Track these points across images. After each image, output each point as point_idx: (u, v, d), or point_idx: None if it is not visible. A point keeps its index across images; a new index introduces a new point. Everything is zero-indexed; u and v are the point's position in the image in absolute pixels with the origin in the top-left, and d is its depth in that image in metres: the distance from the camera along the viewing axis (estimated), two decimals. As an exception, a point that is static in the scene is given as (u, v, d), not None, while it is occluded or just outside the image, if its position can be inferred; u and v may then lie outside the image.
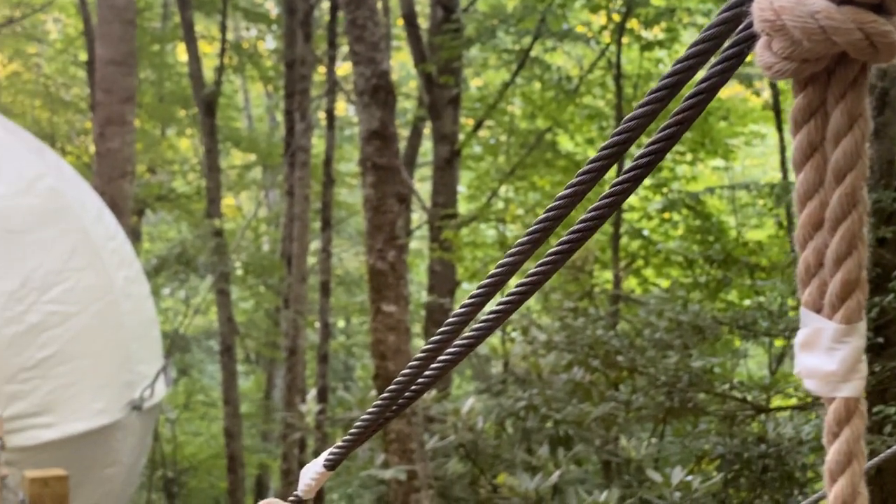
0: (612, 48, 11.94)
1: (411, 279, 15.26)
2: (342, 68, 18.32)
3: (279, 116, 21.95)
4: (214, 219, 15.51)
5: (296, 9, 13.92)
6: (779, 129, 11.45)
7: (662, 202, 11.80)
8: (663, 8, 11.42)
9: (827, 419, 0.78)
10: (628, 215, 12.11)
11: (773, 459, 7.97)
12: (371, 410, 1.32)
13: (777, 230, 11.29)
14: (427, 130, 16.09)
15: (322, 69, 16.85)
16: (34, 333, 7.59)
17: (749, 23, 0.81)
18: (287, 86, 15.12)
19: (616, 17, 11.69)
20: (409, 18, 13.55)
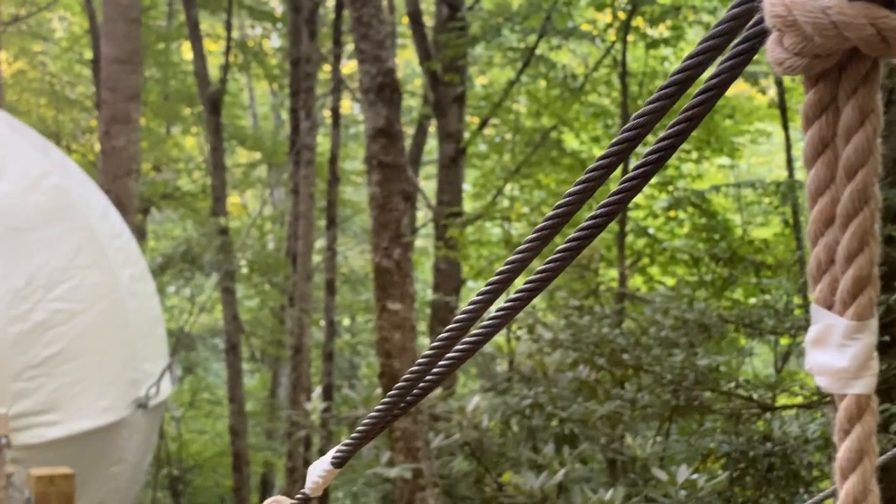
0: (618, 46, 11.93)
1: (416, 277, 15.25)
2: (347, 66, 18.33)
3: (284, 114, 21.96)
4: (220, 217, 15.52)
5: (301, 7, 13.92)
6: (784, 128, 11.41)
7: (668, 200, 11.79)
8: (668, 6, 11.41)
9: (838, 416, 0.78)
10: (634, 213, 12.10)
11: (779, 458, 7.96)
12: (379, 408, 1.32)
13: (783, 228, 11.28)
14: (432, 129, 16.08)
15: (327, 67, 16.88)
16: (39, 331, 7.60)
17: (760, 18, 0.81)
18: (292, 84, 15.11)
19: (621, 15, 11.68)
20: (415, 16, 13.55)
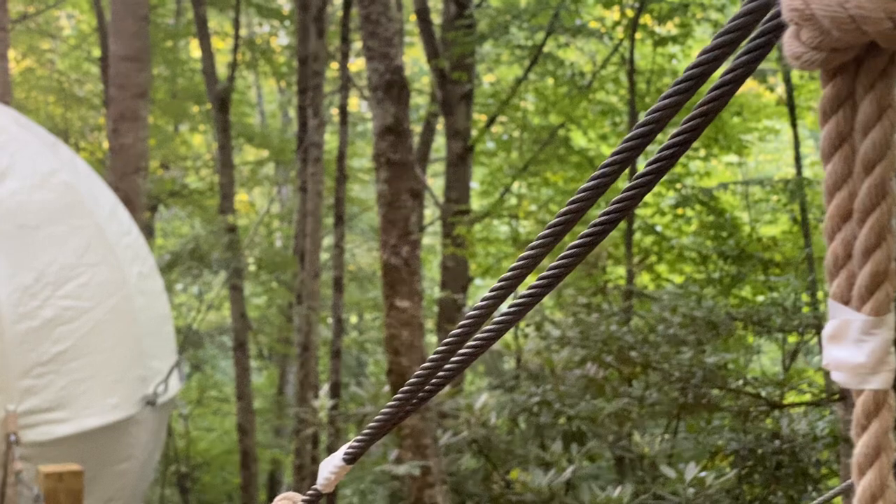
0: (626, 44, 11.91)
1: (424, 275, 15.27)
2: (355, 64, 18.34)
3: (292, 112, 21.98)
4: (227, 215, 15.53)
5: (309, 5, 13.92)
6: (793, 125, 11.39)
7: (676, 198, 11.77)
8: (677, 3, 11.39)
9: (855, 412, 0.78)
10: (641, 211, 12.08)
11: (787, 455, 7.96)
12: (391, 404, 1.32)
13: (791, 226, 11.26)
14: (440, 126, 16.08)
15: (335, 65, 16.88)
16: (48, 328, 7.61)
17: (777, 12, 0.81)
18: (300, 82, 15.12)
19: (629, 13, 11.66)
20: (422, 14, 13.54)
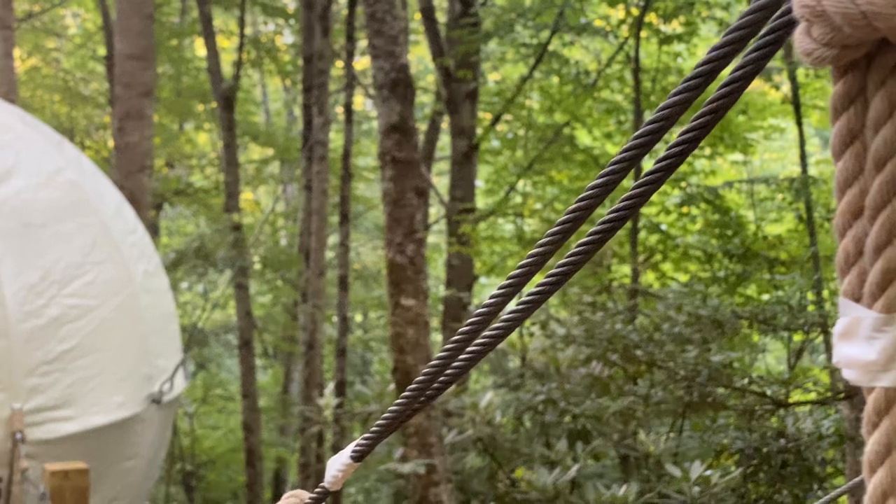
0: (631, 42, 11.90)
1: (429, 273, 15.26)
2: (360, 62, 18.34)
3: (297, 111, 21.98)
4: (232, 213, 15.54)
5: (314, 3, 13.92)
6: (798, 123, 11.37)
7: (681, 196, 11.76)
8: (682, 1, 11.38)
9: (866, 409, 0.78)
10: (646, 210, 12.07)
11: (793, 454, 7.95)
12: (398, 402, 1.32)
13: (797, 224, 11.24)
14: (445, 125, 16.07)
15: (340, 63, 16.88)
16: (54, 327, 7.62)
17: (787, 8, 0.80)
18: (305, 80, 15.12)
19: (634, 11, 11.65)
20: (427, 13, 13.53)
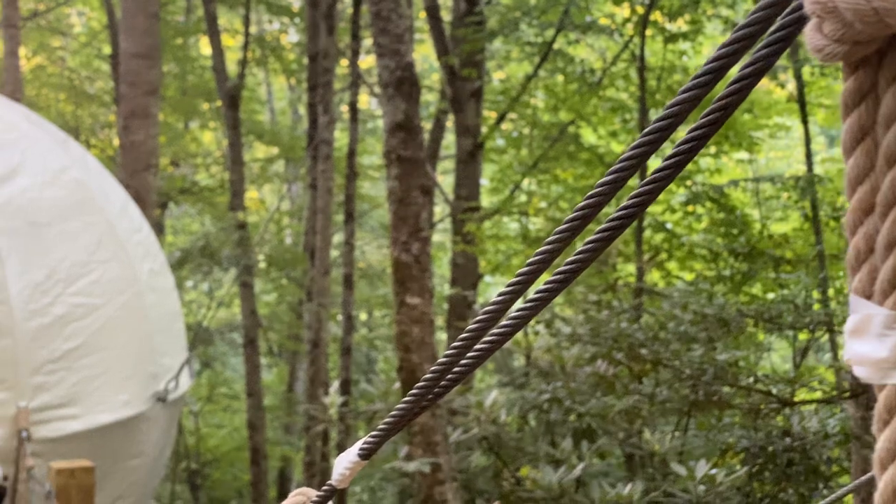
0: (636, 40, 11.88)
1: (434, 272, 15.27)
2: (365, 61, 18.33)
3: (302, 109, 22.00)
4: (237, 212, 15.55)
5: (319, 1, 13.92)
6: (803, 122, 11.36)
7: (686, 195, 11.75)
8: (687, 0, 11.37)
9: (877, 406, 0.78)
10: (651, 208, 12.05)
11: (798, 453, 7.94)
12: (406, 400, 1.31)
13: (802, 223, 11.23)
14: (449, 123, 16.07)
15: (345, 62, 16.88)
16: (60, 325, 7.63)
17: (798, 5, 0.80)
18: (310, 79, 15.13)
19: (640, 10, 11.64)
20: (432, 11, 13.52)
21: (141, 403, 8.12)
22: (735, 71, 0.93)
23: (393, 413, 1.34)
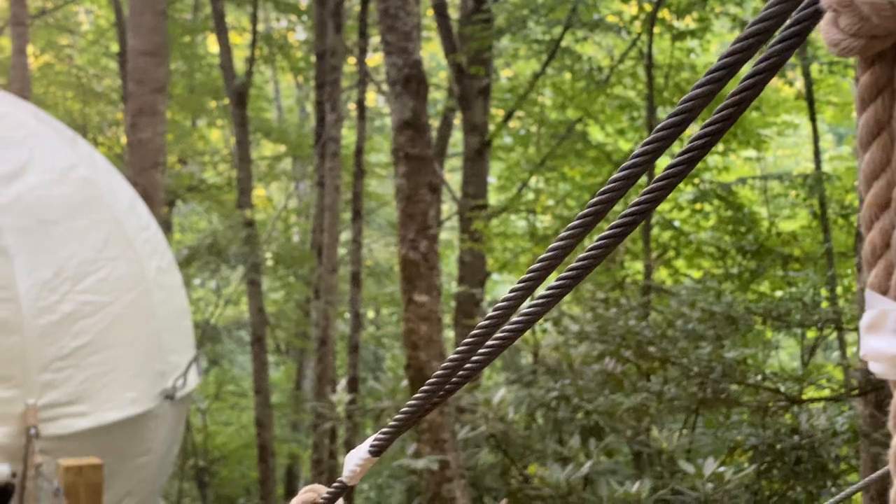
0: (644, 38, 11.87)
1: (441, 270, 15.27)
2: (373, 59, 18.34)
3: (309, 107, 21.99)
4: (245, 210, 15.57)
5: (326, -1, 13.93)
6: (812, 120, 11.34)
7: (694, 193, 11.73)
8: (695, -3, 11.36)
9: (893, 403, 0.77)
10: (659, 206, 11.98)
11: (807, 451, 7.93)
12: (417, 397, 1.31)
13: (810, 221, 11.21)
14: (457, 121, 16.07)
15: (352, 60, 16.88)
16: (68, 323, 7.64)
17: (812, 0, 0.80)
18: (317, 76, 15.14)
19: (647, 7, 11.63)
20: (440, 9, 13.52)
21: (149, 401, 8.13)
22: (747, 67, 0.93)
23: (403, 410, 1.34)
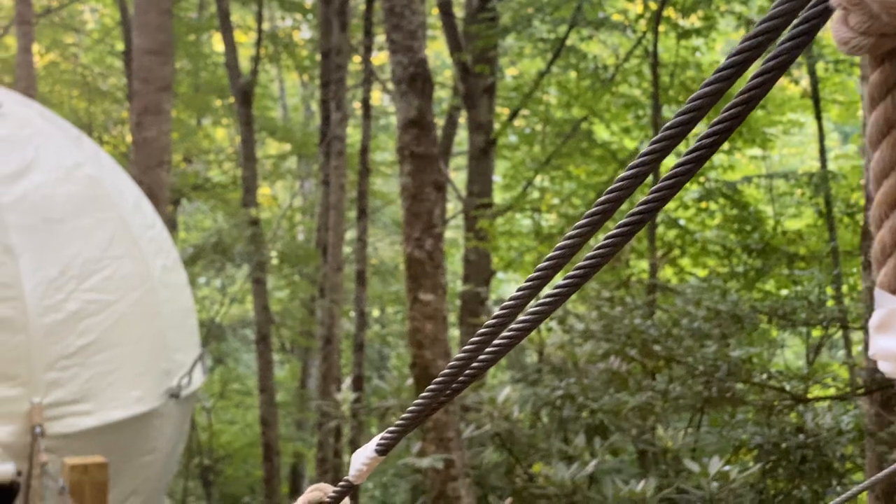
0: (649, 37, 11.86)
1: (446, 268, 15.26)
2: (378, 58, 18.33)
3: (314, 106, 22.00)
4: (250, 208, 15.58)
5: (331, -2, 13.92)
6: (817, 118, 11.34)
7: (699, 191, 11.73)
8: (700, -5, 11.35)
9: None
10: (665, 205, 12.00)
11: (812, 450, 7.92)
12: (424, 396, 1.31)
13: (816, 219, 11.20)
14: (462, 120, 16.07)
15: (358, 59, 16.88)
16: (73, 321, 7.64)
17: (822, -2, 0.79)
18: (323, 75, 15.14)
19: (653, 6, 11.62)
20: (445, 7, 13.52)
21: (154, 399, 8.13)
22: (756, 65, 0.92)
23: (410, 409, 1.34)
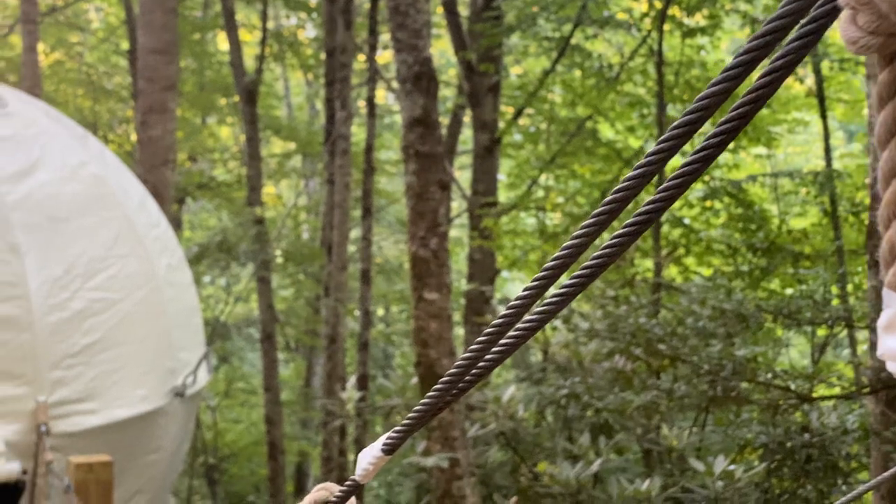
0: (654, 35, 11.85)
1: (451, 267, 15.26)
2: (382, 56, 18.34)
3: (319, 105, 22.01)
4: (255, 207, 15.59)
5: (336, -3, 13.93)
6: (822, 117, 11.32)
7: (704, 190, 11.72)
8: (705, -6, 11.34)
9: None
10: (669, 203, 11.97)
11: (817, 449, 7.91)
12: (430, 395, 1.31)
13: (821, 218, 11.19)
14: (467, 118, 16.06)
15: (362, 57, 16.89)
16: (78, 320, 7.65)
17: (830, -3, 0.79)
18: (327, 74, 15.15)
19: (658, 4, 11.61)
20: (450, 6, 13.52)
21: (159, 398, 8.13)
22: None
23: (416, 409, 1.34)
